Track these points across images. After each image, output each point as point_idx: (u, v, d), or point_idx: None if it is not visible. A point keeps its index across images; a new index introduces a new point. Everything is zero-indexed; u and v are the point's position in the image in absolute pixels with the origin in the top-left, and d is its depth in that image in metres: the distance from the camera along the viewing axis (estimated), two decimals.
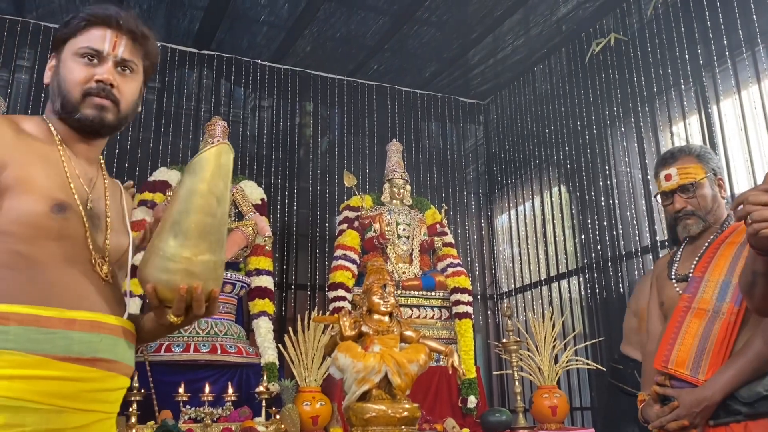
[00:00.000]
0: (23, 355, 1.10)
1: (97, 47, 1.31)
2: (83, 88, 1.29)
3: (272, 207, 5.62)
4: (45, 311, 1.14)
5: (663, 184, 2.02)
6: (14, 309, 1.11)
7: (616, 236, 4.99)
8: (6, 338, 1.09)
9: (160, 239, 1.20)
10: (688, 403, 1.78)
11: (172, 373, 3.91)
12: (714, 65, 4.28)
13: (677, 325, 1.88)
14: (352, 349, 1.48)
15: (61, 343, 1.14)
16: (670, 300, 2.01)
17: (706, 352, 1.80)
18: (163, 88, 5.66)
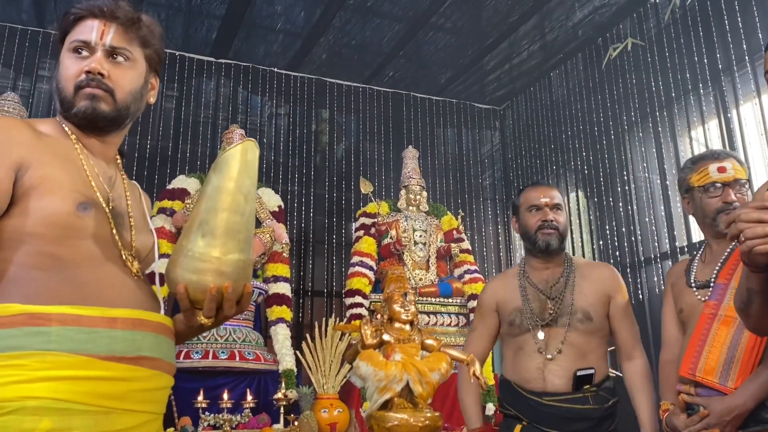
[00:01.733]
0: (67, 356, 1.07)
1: (85, 38, 1.27)
2: (75, 82, 1.26)
3: (289, 214, 5.65)
4: (86, 310, 1.11)
5: (715, 176, 1.97)
6: (55, 309, 1.09)
7: (634, 242, 4.96)
8: (48, 339, 1.06)
9: (188, 239, 1.17)
10: (718, 411, 1.77)
11: (191, 380, 3.93)
12: (733, 69, 4.25)
13: (704, 333, 1.85)
14: (374, 358, 1.48)
15: (104, 342, 1.11)
16: (691, 307, 1.99)
17: (735, 359, 1.78)
18: (181, 96, 5.72)
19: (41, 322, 1.07)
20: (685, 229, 4.51)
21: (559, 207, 2.24)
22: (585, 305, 2.11)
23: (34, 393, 1.03)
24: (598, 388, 2.05)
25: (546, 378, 2.05)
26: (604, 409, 2.03)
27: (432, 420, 1.50)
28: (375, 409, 1.51)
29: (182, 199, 4.57)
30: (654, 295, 4.74)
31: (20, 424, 1.02)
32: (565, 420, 2.00)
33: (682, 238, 4.56)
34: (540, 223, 2.20)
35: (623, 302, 2.20)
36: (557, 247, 2.19)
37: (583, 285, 2.16)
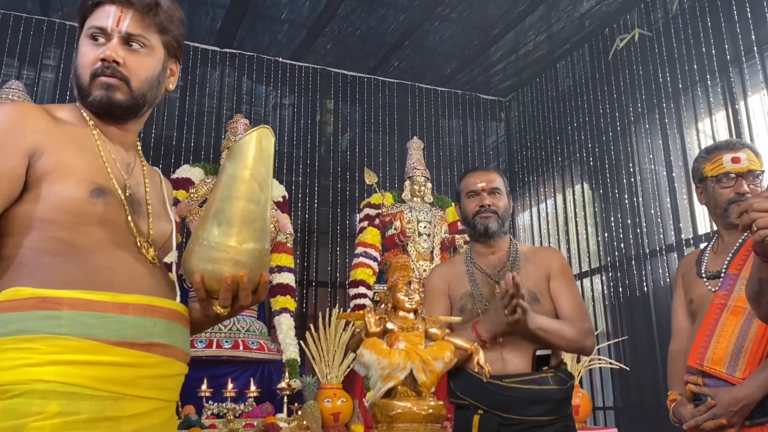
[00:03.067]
0: (77, 340, 1.07)
1: (101, 25, 1.24)
2: (91, 70, 1.24)
3: (293, 204, 5.64)
4: (97, 295, 1.11)
5: (728, 166, 1.95)
6: (66, 294, 1.09)
7: (640, 234, 4.93)
8: (59, 323, 1.06)
9: (204, 228, 1.16)
10: (725, 401, 1.75)
11: (194, 369, 3.86)
12: (741, 60, 4.21)
13: (712, 323, 1.84)
14: (377, 346, 1.48)
15: (115, 328, 1.11)
16: (701, 298, 1.98)
17: (744, 350, 1.76)
18: (185, 86, 5.71)
19: (52, 306, 1.07)
20: (691, 221, 4.49)
21: (497, 191, 2.21)
22: (531, 287, 2.07)
23: (43, 376, 1.03)
24: (556, 370, 2.03)
25: (505, 359, 2.00)
26: (564, 390, 2.01)
27: (436, 408, 1.49)
28: (378, 398, 1.50)
29: (186, 189, 4.57)
30: (659, 287, 4.73)
31: (28, 407, 1.02)
32: (527, 403, 1.96)
33: (688, 231, 4.54)
34: (477, 208, 2.18)
35: (560, 277, 2.12)
36: (497, 230, 2.16)
37: (528, 268, 2.14)
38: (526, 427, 1.97)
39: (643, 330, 4.79)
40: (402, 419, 1.46)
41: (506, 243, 2.24)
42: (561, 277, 2.13)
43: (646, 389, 4.70)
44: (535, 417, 1.97)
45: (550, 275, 2.14)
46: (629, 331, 4.87)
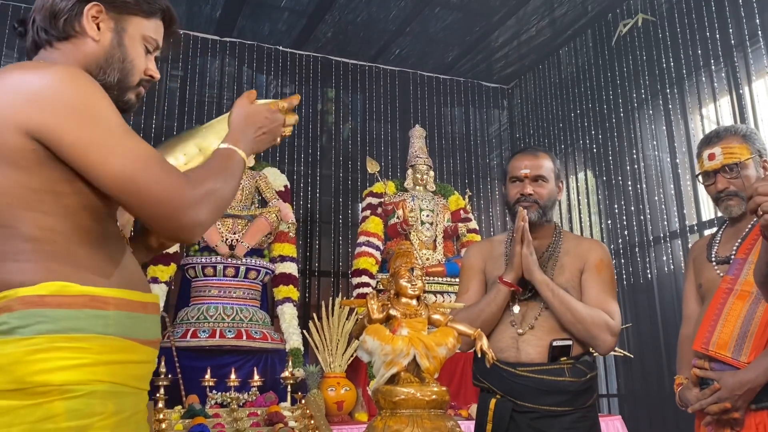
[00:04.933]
0: (120, 340, 1.09)
1: (160, 45, 1.31)
2: (140, 78, 1.28)
3: (295, 194, 5.62)
4: (132, 295, 1.14)
5: (706, 164, 1.98)
6: (111, 293, 1.10)
7: (643, 221, 4.91)
8: (106, 323, 1.07)
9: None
10: (730, 385, 1.74)
11: (198, 359, 3.95)
12: (746, 44, 4.17)
13: (719, 307, 1.83)
14: (380, 332, 1.47)
15: (142, 327, 1.15)
16: (710, 282, 1.97)
17: (749, 334, 1.76)
18: (186, 75, 5.68)
19: (100, 306, 1.07)
20: (695, 207, 4.46)
21: (542, 178, 2.09)
22: (563, 281, 2.02)
23: (100, 377, 1.05)
24: (575, 361, 1.97)
25: (520, 348, 1.97)
26: (581, 382, 1.95)
27: (439, 394, 1.48)
28: (382, 384, 1.49)
29: None
30: (663, 274, 4.71)
31: (92, 407, 1.03)
32: (539, 392, 1.92)
33: (692, 217, 4.51)
34: (518, 197, 2.10)
35: (592, 270, 2.04)
36: (536, 221, 2.06)
37: (564, 260, 2.07)
38: (540, 415, 1.94)
39: (648, 317, 4.78)
40: (405, 405, 1.45)
41: (550, 231, 2.15)
42: (594, 271, 2.04)
43: (650, 376, 4.69)
44: (549, 407, 1.94)
45: (585, 268, 2.06)
46: (633, 319, 4.86)
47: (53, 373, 1.01)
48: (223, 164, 1.23)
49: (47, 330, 1.02)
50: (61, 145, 1.05)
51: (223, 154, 1.25)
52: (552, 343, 1.96)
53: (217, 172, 1.19)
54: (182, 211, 1.10)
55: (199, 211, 1.12)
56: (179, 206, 1.10)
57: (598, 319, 1.95)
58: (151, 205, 1.09)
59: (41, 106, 1.05)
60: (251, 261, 4.35)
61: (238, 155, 1.27)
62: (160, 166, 1.11)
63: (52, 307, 1.03)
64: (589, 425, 1.99)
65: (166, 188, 1.09)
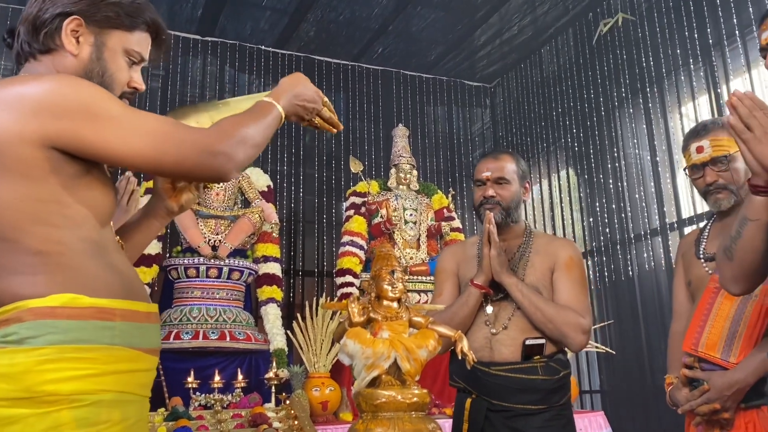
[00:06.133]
0: (126, 350, 1.12)
1: (145, 57, 1.33)
2: (122, 90, 1.30)
3: (278, 194, 5.61)
4: (136, 305, 1.16)
5: (694, 157, 1.96)
6: (117, 304, 1.13)
7: (624, 219, 4.96)
8: (113, 334, 1.10)
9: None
10: (719, 385, 1.74)
11: (181, 361, 3.93)
12: (724, 44, 4.22)
13: (707, 307, 1.83)
14: (361, 335, 1.47)
15: (147, 337, 1.18)
16: (698, 280, 1.97)
17: (738, 334, 1.75)
18: (167, 75, 5.64)
19: (108, 317, 1.10)
20: (675, 205, 4.51)
21: (504, 180, 2.11)
22: (534, 280, 2.04)
23: (107, 386, 1.08)
24: (549, 359, 1.99)
25: (494, 347, 1.99)
26: (554, 380, 1.97)
27: (420, 397, 1.49)
28: (363, 387, 1.50)
29: None
30: (644, 271, 4.76)
31: (98, 416, 1.06)
32: (513, 391, 1.94)
33: (672, 215, 4.56)
34: (481, 200, 2.13)
35: (563, 269, 2.06)
36: (500, 222, 2.09)
37: (535, 260, 2.09)
38: (514, 414, 1.96)
39: (629, 314, 4.83)
40: (386, 408, 1.46)
41: (520, 231, 2.18)
42: (564, 269, 2.06)
43: (632, 373, 4.74)
44: (523, 405, 1.96)
45: (555, 267, 2.08)
46: (615, 316, 4.91)
47: (62, 383, 1.03)
48: (260, 113, 1.30)
49: (57, 341, 1.05)
50: (83, 144, 1.11)
51: (262, 105, 1.33)
52: (525, 342, 1.98)
53: (252, 120, 1.26)
54: (215, 158, 1.17)
55: (232, 156, 1.19)
56: (211, 156, 1.16)
57: (569, 318, 1.97)
58: (185, 165, 1.17)
59: (53, 112, 1.08)
60: (234, 262, 4.34)
61: (276, 110, 1.33)
62: (179, 129, 1.18)
63: (61, 318, 1.06)
64: (563, 423, 2.00)
65: (194, 145, 1.16)
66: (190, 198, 1.47)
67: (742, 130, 1.40)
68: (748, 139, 1.40)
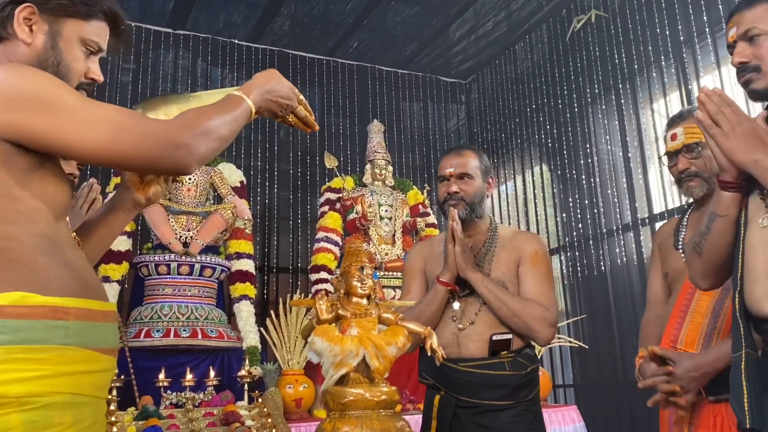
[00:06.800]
0: (80, 350, 1.08)
1: (102, 47, 1.28)
2: (79, 81, 1.25)
3: (252, 190, 5.55)
4: (91, 304, 1.12)
5: (669, 144, 1.98)
6: (71, 303, 1.08)
7: (597, 214, 5.00)
8: (66, 333, 1.06)
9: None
10: (686, 366, 1.73)
11: (152, 359, 3.87)
12: (694, 41, 4.26)
13: (686, 303, 1.83)
14: (329, 333, 1.45)
15: (103, 336, 1.14)
16: (676, 272, 1.96)
17: (717, 330, 1.75)
18: (138, 69, 5.54)
19: (60, 316, 1.06)
20: (647, 200, 4.56)
21: (467, 175, 2.12)
22: (500, 275, 2.05)
23: (59, 388, 1.04)
24: (516, 354, 2.00)
25: (461, 343, 1.99)
26: (522, 375, 1.98)
27: (389, 394, 1.48)
28: (331, 385, 1.48)
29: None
30: (616, 266, 4.81)
31: (50, 419, 1.02)
32: (481, 387, 1.95)
33: (643, 210, 4.61)
34: (445, 195, 2.13)
35: (528, 263, 2.06)
36: (465, 218, 2.10)
37: (501, 254, 2.10)
38: (482, 410, 1.96)
39: (601, 308, 4.87)
40: (354, 406, 1.44)
41: (485, 226, 2.18)
42: (530, 263, 2.07)
43: (604, 367, 4.79)
44: (490, 401, 1.96)
45: (521, 261, 2.08)
46: (588, 310, 4.95)
47: (11, 385, 0.99)
48: (227, 106, 1.26)
49: (5, 341, 1.00)
50: (36, 136, 1.07)
51: (230, 98, 1.29)
52: (491, 337, 1.98)
53: (217, 112, 1.22)
54: (175, 150, 1.12)
55: (194, 148, 1.15)
56: (171, 148, 1.12)
57: (535, 312, 1.98)
58: (145, 158, 1.12)
59: (4, 103, 1.06)
60: (206, 258, 4.28)
61: (246, 104, 1.30)
62: (137, 120, 1.13)
63: (11, 317, 1.02)
64: (531, 418, 2.01)
65: (153, 136, 1.11)
66: (158, 191, 1.43)
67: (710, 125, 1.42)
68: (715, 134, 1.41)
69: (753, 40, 1.46)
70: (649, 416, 4.15)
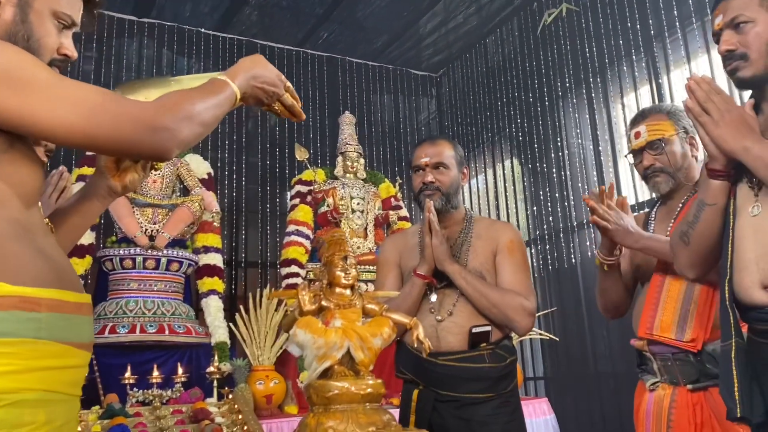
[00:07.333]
0: (53, 344, 1.02)
1: (76, 21, 1.21)
2: (51, 57, 1.17)
3: (219, 183, 5.44)
4: (65, 295, 1.05)
5: (633, 142, 2.01)
6: (43, 294, 1.01)
7: (567, 207, 5.02)
8: (38, 326, 0.99)
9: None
10: (628, 224, 1.88)
11: (117, 356, 3.76)
12: (665, 35, 4.30)
13: (657, 291, 1.86)
14: (312, 325, 1.39)
15: (77, 330, 1.08)
16: (647, 264, 1.98)
17: (690, 314, 1.78)
18: (101, 58, 5.36)
19: (33, 307, 0.99)
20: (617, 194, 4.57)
21: (442, 165, 2.10)
22: (477, 265, 2.04)
23: (30, 385, 0.98)
24: (495, 346, 1.99)
25: (440, 336, 1.97)
26: (501, 367, 1.97)
27: (375, 387, 1.42)
28: (314, 379, 1.42)
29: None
30: (586, 259, 4.83)
31: (20, 417, 0.96)
32: (461, 380, 1.93)
33: None
34: (421, 186, 2.11)
35: (505, 252, 2.06)
36: (441, 208, 2.08)
37: (477, 244, 2.09)
38: (462, 404, 1.94)
39: (572, 301, 4.90)
40: (339, 400, 1.39)
41: (460, 217, 2.16)
42: (506, 252, 2.06)
43: (575, 359, 4.82)
44: (470, 394, 1.94)
45: (498, 250, 2.07)
46: (558, 303, 4.98)
47: None
48: (211, 90, 1.20)
49: None
50: (5, 114, 0.99)
51: (215, 83, 1.23)
52: (471, 329, 1.97)
53: (201, 96, 1.15)
54: (155, 134, 1.06)
55: (175, 132, 1.08)
56: (151, 132, 1.05)
57: (513, 302, 1.98)
58: (122, 141, 1.06)
59: None
60: (173, 252, 4.17)
61: (230, 89, 1.24)
62: (116, 100, 1.06)
63: None
64: (511, 410, 2.00)
65: (132, 118, 1.05)
66: (135, 178, 1.35)
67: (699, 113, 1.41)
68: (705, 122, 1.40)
69: (739, 27, 1.46)
70: (620, 408, 4.19)
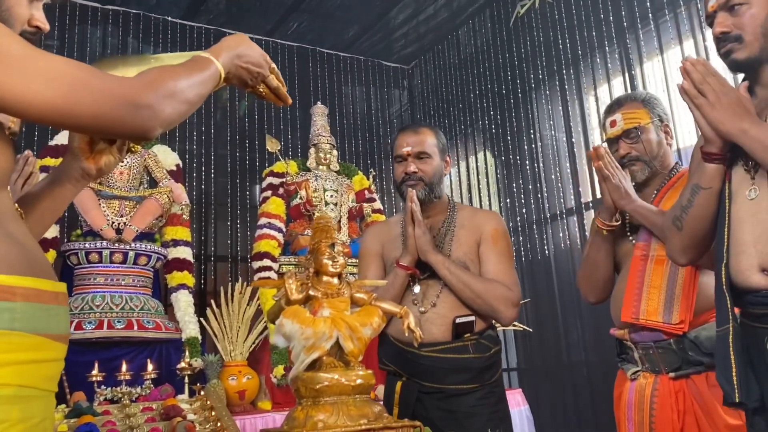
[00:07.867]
0: (29, 337, 0.95)
1: None
2: (22, 28, 1.11)
3: (188, 175, 5.30)
4: (41, 284, 0.98)
5: (609, 131, 2.01)
6: (18, 282, 0.94)
7: (541, 199, 5.03)
8: (13, 317, 0.92)
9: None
10: (629, 190, 1.90)
11: (84, 353, 3.62)
12: (638, 27, 4.32)
13: (639, 276, 1.85)
14: (300, 315, 1.33)
15: (54, 321, 1.01)
16: (624, 250, 1.98)
17: (675, 297, 1.78)
18: (62, 46, 5.16)
19: (6, 296, 0.93)
20: (591, 185, 4.61)
21: (425, 154, 2.07)
22: (461, 254, 2.02)
23: (4, 379, 0.91)
24: (479, 337, 1.97)
25: (423, 327, 1.93)
26: (486, 358, 1.95)
27: (365, 378, 1.37)
28: (302, 370, 1.36)
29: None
30: (560, 250, 4.85)
31: None
32: (444, 371, 1.91)
33: (587, 194, 4.66)
34: (403, 176, 2.08)
35: (489, 242, 2.04)
36: (425, 198, 2.05)
37: (461, 233, 2.06)
38: (446, 395, 1.92)
39: (545, 292, 4.91)
40: (329, 392, 1.33)
41: (443, 206, 2.13)
42: (490, 242, 2.04)
43: (548, 349, 4.84)
44: (455, 386, 1.92)
45: (481, 239, 2.04)
46: (532, 294, 4.98)
47: None
48: (195, 67, 1.14)
49: None
50: None
51: (198, 59, 1.16)
52: (455, 320, 1.94)
53: (184, 72, 1.08)
54: (138, 111, 0.99)
55: (158, 110, 1.00)
56: (133, 109, 0.98)
57: (497, 292, 1.96)
58: (102, 119, 0.98)
59: None
60: (141, 246, 4.04)
61: (215, 66, 1.18)
62: (96, 75, 0.97)
63: None
64: (495, 401, 1.99)
65: (113, 95, 0.97)
66: (111, 161, 1.28)
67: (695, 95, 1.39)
68: (701, 104, 1.39)
69: (734, 9, 1.45)
70: (592, 399, 4.21)
